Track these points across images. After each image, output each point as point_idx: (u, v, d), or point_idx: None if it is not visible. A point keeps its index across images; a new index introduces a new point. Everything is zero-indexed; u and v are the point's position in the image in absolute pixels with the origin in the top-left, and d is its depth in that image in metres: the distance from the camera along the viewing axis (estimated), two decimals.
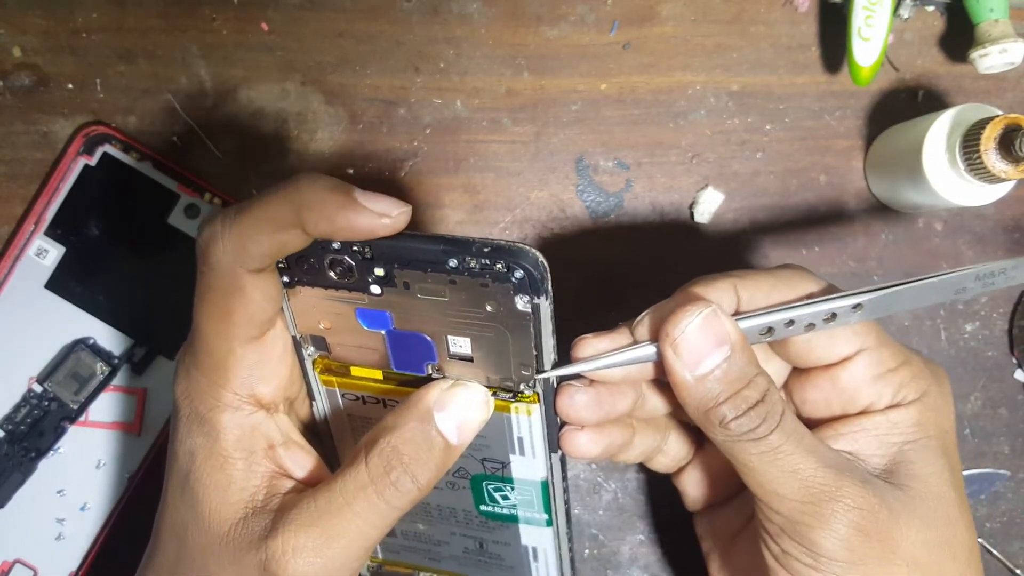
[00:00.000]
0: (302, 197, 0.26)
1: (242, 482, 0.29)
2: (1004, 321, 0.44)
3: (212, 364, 0.29)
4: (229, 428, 0.29)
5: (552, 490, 0.33)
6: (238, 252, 0.27)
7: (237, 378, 0.29)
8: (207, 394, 0.29)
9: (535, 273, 0.26)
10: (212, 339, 0.28)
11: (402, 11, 0.42)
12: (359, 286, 0.28)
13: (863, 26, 0.39)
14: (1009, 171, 0.35)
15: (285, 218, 0.26)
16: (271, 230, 0.27)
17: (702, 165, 0.43)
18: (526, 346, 0.28)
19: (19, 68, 0.41)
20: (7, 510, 0.39)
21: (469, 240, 0.26)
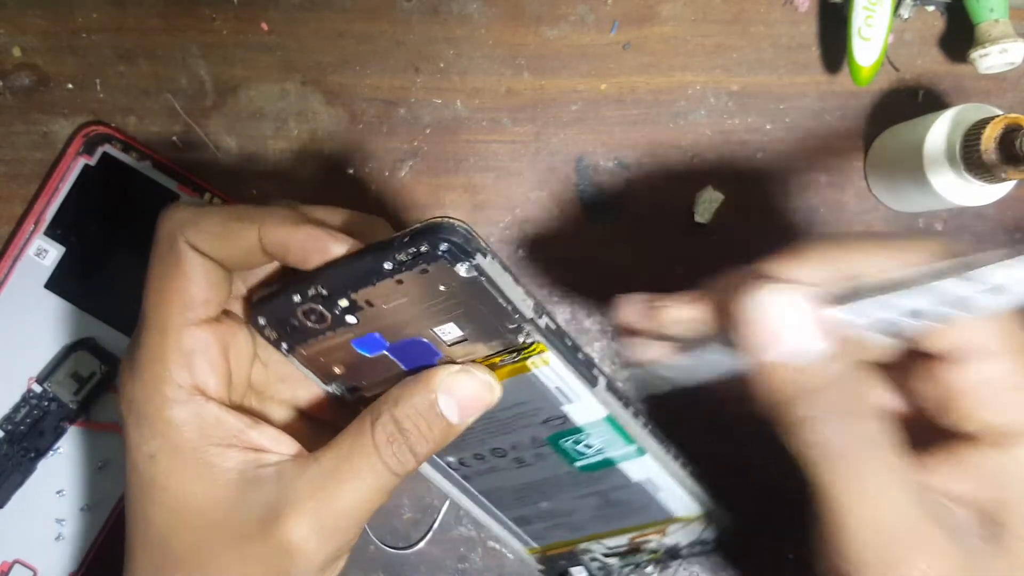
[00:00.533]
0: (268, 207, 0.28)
1: (221, 467, 0.28)
2: None
3: (151, 352, 0.28)
4: (185, 422, 0.28)
5: (621, 420, 0.32)
6: (190, 229, 0.27)
7: (176, 365, 0.28)
8: (152, 391, 0.28)
9: (458, 239, 0.26)
10: (151, 322, 0.28)
11: (402, 11, 0.42)
12: (338, 323, 0.28)
13: (863, 26, 0.39)
14: (1009, 171, 0.35)
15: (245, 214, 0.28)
16: (229, 219, 0.28)
17: (702, 165, 0.43)
18: (497, 305, 0.28)
19: (19, 68, 0.41)
20: (6, 510, 0.39)
21: (389, 239, 0.27)
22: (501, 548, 0.42)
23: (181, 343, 0.28)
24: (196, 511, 0.28)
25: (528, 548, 0.40)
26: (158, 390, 0.28)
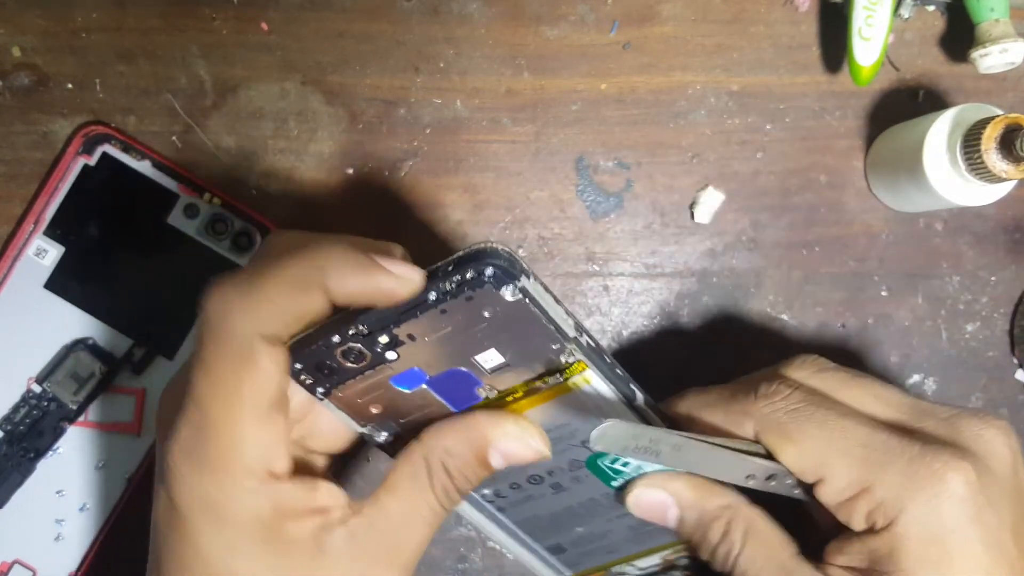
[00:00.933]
0: (326, 257, 0.26)
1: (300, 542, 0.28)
2: (1005, 321, 0.43)
3: (223, 446, 0.27)
4: (263, 508, 0.27)
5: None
6: (254, 317, 0.26)
7: (253, 458, 0.27)
8: (228, 484, 0.27)
9: (503, 263, 0.26)
10: (220, 418, 0.26)
11: (402, 11, 0.42)
12: (377, 360, 0.28)
13: (863, 26, 0.39)
14: (1010, 171, 0.35)
15: (307, 279, 0.26)
16: (292, 292, 0.26)
17: (702, 165, 0.43)
18: (540, 327, 0.28)
19: (18, 68, 0.41)
20: (6, 510, 0.39)
21: (433, 268, 0.27)
22: (501, 548, 0.42)
23: (258, 436, 0.27)
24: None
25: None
26: (235, 483, 0.27)
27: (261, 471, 0.27)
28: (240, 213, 0.40)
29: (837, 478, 0.30)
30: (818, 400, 0.31)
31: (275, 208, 0.41)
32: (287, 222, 0.41)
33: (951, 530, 0.28)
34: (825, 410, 0.30)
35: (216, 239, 0.40)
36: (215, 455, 0.27)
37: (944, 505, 0.28)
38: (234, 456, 0.27)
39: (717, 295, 0.43)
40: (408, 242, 0.42)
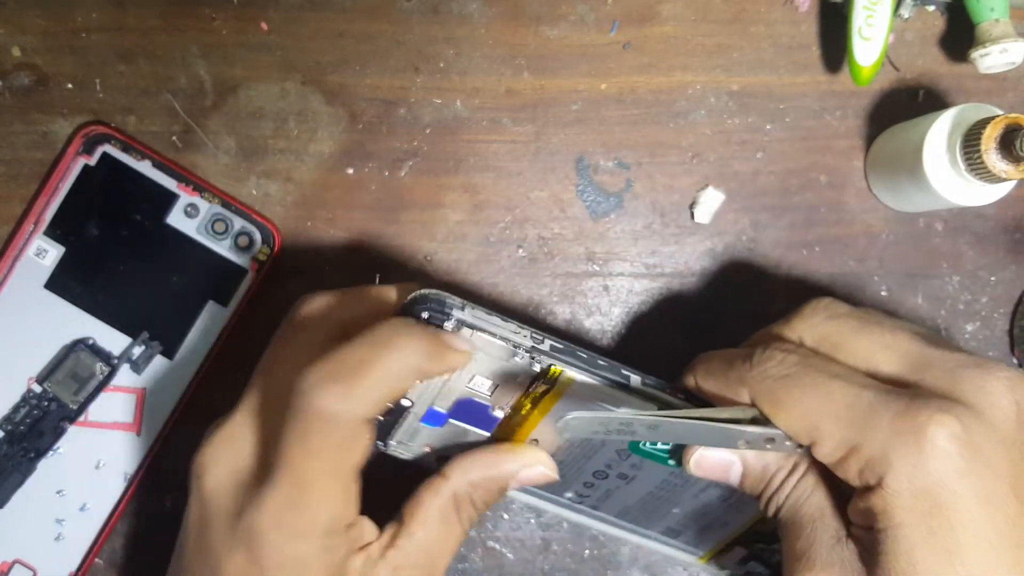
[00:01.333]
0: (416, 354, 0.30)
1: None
2: (1005, 321, 0.43)
3: (316, 517, 0.30)
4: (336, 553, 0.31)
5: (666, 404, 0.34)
6: (357, 405, 0.29)
7: (338, 520, 0.30)
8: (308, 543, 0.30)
9: (432, 305, 0.30)
10: (319, 492, 0.30)
11: (402, 11, 0.42)
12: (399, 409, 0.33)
13: (864, 26, 0.39)
14: (1010, 171, 0.35)
15: (405, 374, 0.30)
16: (391, 386, 0.30)
17: (702, 165, 0.43)
18: (498, 347, 0.31)
19: (18, 68, 0.41)
20: (6, 510, 0.39)
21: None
22: (500, 548, 0.42)
23: (346, 501, 0.31)
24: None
25: (698, 558, 0.41)
26: (322, 543, 0.30)
27: (342, 528, 0.31)
28: (240, 213, 0.40)
29: (827, 440, 0.30)
30: (810, 362, 0.31)
31: (275, 208, 0.41)
32: (287, 223, 0.41)
33: (938, 483, 0.28)
34: (815, 373, 0.30)
35: (216, 239, 0.40)
36: (311, 522, 0.30)
37: (928, 459, 0.28)
38: (327, 522, 0.30)
39: (716, 295, 0.43)
40: (408, 242, 0.42)
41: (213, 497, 0.31)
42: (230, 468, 0.31)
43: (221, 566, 0.30)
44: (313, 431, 0.29)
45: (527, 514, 0.42)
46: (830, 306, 0.33)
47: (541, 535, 0.42)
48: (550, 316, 0.42)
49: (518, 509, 0.42)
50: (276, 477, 0.29)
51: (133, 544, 0.41)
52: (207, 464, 0.32)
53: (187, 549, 0.33)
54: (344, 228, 0.42)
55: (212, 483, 0.31)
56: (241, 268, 0.40)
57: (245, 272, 0.40)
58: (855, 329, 0.32)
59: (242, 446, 0.32)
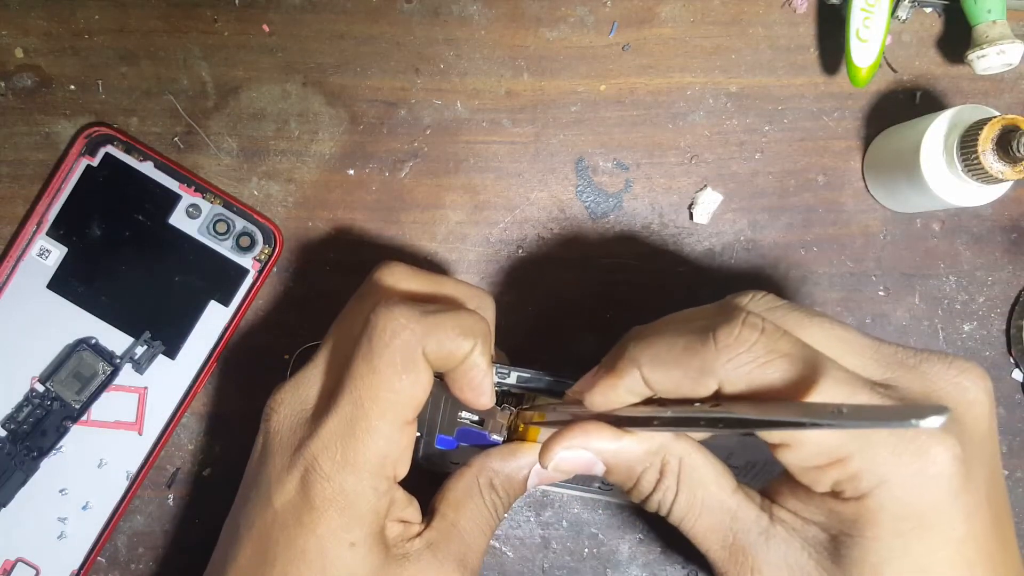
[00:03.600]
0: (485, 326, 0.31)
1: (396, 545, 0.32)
2: (1002, 321, 0.44)
3: (369, 449, 0.30)
4: (385, 507, 0.31)
5: None
6: (429, 339, 0.30)
7: (398, 461, 0.31)
8: (369, 484, 0.30)
9: None
10: (376, 419, 0.30)
11: (402, 13, 0.42)
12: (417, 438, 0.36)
13: (861, 27, 0.39)
14: (1006, 172, 0.36)
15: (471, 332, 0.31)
16: (461, 334, 0.30)
17: (701, 166, 0.43)
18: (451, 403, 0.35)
19: (21, 69, 0.41)
20: (9, 509, 0.39)
21: None
22: (500, 547, 0.43)
23: (401, 442, 0.31)
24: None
25: None
26: (372, 482, 0.30)
27: (392, 474, 0.31)
28: (242, 214, 0.40)
29: (808, 446, 0.27)
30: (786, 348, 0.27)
31: (276, 208, 0.42)
32: (289, 223, 0.42)
33: (932, 505, 0.27)
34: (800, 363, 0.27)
35: (218, 239, 0.40)
36: (363, 453, 0.30)
37: (928, 482, 0.27)
38: (378, 457, 0.30)
39: (715, 295, 0.43)
40: (409, 242, 0.42)
41: (276, 434, 0.32)
42: (296, 408, 0.32)
43: (272, 499, 0.31)
44: (380, 348, 0.30)
45: (527, 512, 0.43)
46: (768, 298, 0.31)
47: (540, 533, 0.42)
48: (550, 316, 0.43)
49: (518, 508, 0.43)
50: (339, 401, 0.30)
51: (135, 543, 0.41)
52: (275, 406, 0.32)
53: (243, 490, 0.34)
54: (345, 228, 0.42)
55: (277, 422, 0.32)
56: (243, 268, 0.40)
57: (247, 272, 0.40)
58: (801, 322, 0.29)
59: (311, 389, 0.32)
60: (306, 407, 0.32)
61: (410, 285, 0.34)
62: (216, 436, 0.42)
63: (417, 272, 0.34)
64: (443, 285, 0.34)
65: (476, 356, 0.31)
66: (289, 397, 0.33)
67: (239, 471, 0.34)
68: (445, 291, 0.34)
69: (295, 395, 0.32)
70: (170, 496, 0.42)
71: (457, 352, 0.31)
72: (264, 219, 0.40)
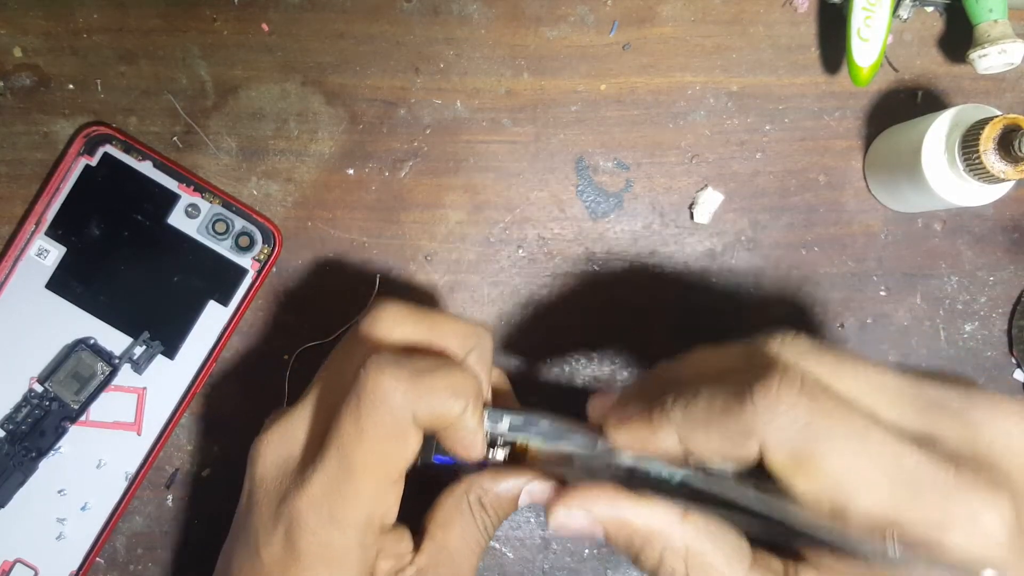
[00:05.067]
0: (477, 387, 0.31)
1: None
2: (1003, 321, 0.44)
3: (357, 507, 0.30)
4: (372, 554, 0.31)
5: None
6: (419, 405, 0.30)
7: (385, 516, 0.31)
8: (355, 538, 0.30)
9: None
10: (364, 481, 0.30)
11: (402, 12, 0.42)
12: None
13: (862, 27, 0.39)
14: (1008, 171, 0.35)
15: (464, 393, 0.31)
16: (451, 396, 0.30)
17: (701, 165, 0.43)
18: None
19: (20, 68, 0.41)
20: (8, 510, 0.39)
21: None
22: (501, 548, 0.42)
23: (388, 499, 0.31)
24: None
25: None
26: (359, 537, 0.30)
27: (379, 525, 0.31)
28: (241, 213, 0.40)
29: (858, 513, 0.26)
30: (829, 408, 0.26)
31: (276, 208, 0.42)
32: (288, 223, 0.41)
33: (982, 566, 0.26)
34: (843, 424, 0.26)
35: (217, 239, 0.40)
36: (350, 512, 0.30)
37: (979, 549, 0.26)
38: (365, 515, 0.30)
39: (716, 295, 0.43)
40: (408, 242, 0.42)
41: (262, 481, 0.32)
42: (282, 456, 0.32)
43: (259, 550, 0.31)
44: (369, 412, 0.29)
45: (527, 513, 0.42)
46: (797, 342, 0.29)
47: (541, 534, 0.42)
48: (550, 316, 0.42)
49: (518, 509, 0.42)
50: (324, 459, 0.30)
51: (134, 543, 0.41)
52: (261, 451, 0.32)
53: (233, 533, 0.33)
54: (344, 228, 0.42)
55: (263, 469, 0.32)
56: (242, 268, 0.40)
57: (246, 272, 0.40)
58: (835, 369, 0.28)
59: (297, 436, 0.32)
60: (292, 455, 0.32)
61: (404, 331, 0.33)
62: (215, 436, 0.42)
63: (411, 313, 0.33)
64: (438, 326, 0.33)
65: (466, 418, 0.31)
66: (275, 442, 0.32)
67: (238, 471, 0.34)
68: (440, 333, 0.33)
69: (281, 441, 0.32)
70: (169, 496, 0.41)
71: (447, 415, 0.31)
72: (263, 219, 0.40)
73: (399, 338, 0.33)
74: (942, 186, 0.38)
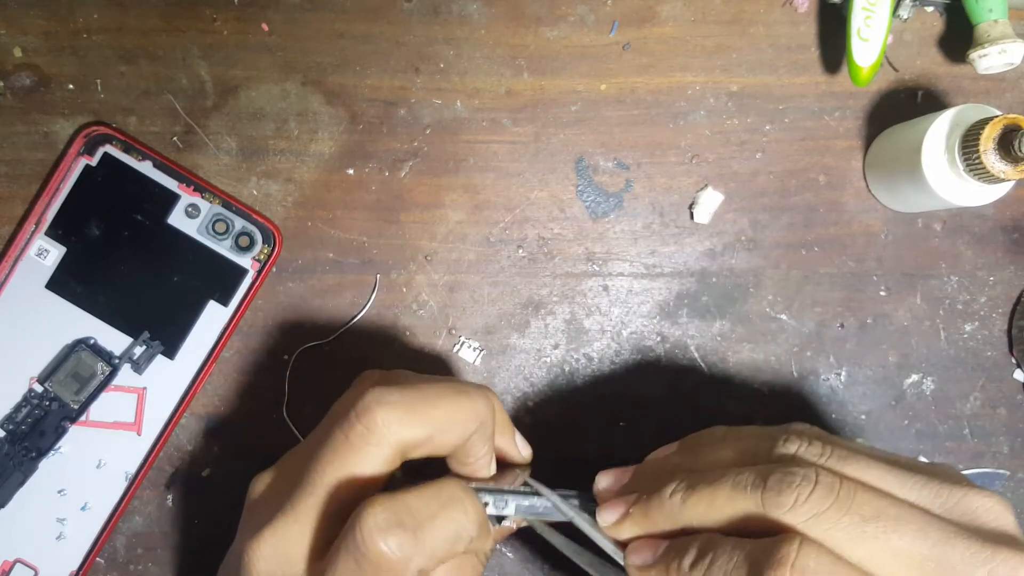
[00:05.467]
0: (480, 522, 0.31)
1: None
2: (1003, 321, 0.44)
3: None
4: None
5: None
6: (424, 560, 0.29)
7: None
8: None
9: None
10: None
11: (402, 12, 0.42)
12: None
13: (862, 27, 0.39)
14: (1008, 171, 0.35)
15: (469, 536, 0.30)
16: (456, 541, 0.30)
17: (701, 165, 0.43)
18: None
19: (20, 68, 0.41)
20: (8, 510, 0.39)
21: None
22: (500, 547, 0.42)
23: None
24: None
25: None
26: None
27: None
28: (241, 213, 0.40)
29: None
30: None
31: (276, 208, 0.42)
32: (288, 223, 0.41)
33: None
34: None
35: (217, 239, 0.40)
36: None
37: None
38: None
39: (716, 295, 0.43)
40: (408, 242, 0.42)
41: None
42: (281, 568, 0.30)
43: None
44: (370, 573, 0.28)
45: None
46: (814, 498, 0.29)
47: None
48: (550, 316, 0.42)
49: None
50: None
51: (134, 543, 0.41)
52: (255, 560, 0.30)
53: None
54: (344, 228, 0.42)
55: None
56: (242, 268, 0.40)
57: (246, 272, 0.40)
58: (855, 537, 0.28)
59: (294, 550, 0.30)
60: (294, 571, 0.30)
61: (401, 434, 0.31)
62: (215, 437, 0.42)
63: (406, 411, 0.31)
64: (436, 415, 0.31)
65: (470, 547, 0.31)
66: (269, 554, 0.30)
67: (238, 472, 0.34)
68: (438, 428, 0.31)
69: (277, 554, 0.30)
70: (169, 496, 0.41)
71: (454, 554, 0.30)
72: (263, 219, 0.40)
73: (395, 445, 0.31)
74: (942, 186, 0.38)
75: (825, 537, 0.28)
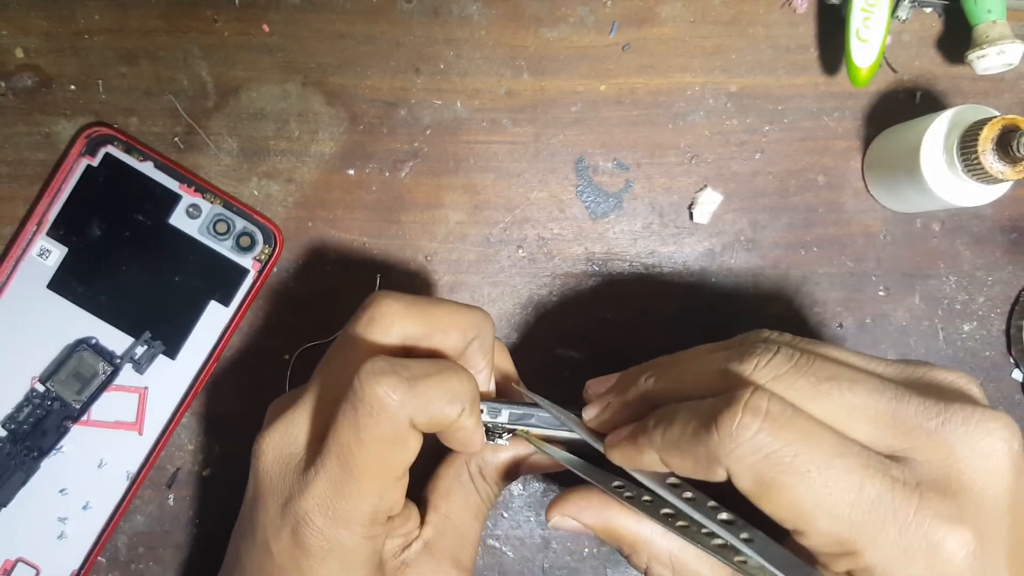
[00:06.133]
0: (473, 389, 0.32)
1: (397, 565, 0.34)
2: (1001, 321, 0.44)
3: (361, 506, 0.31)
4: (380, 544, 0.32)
5: None
6: (416, 411, 0.30)
7: (381, 512, 0.31)
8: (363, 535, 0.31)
9: None
10: (367, 483, 0.30)
11: (402, 12, 0.42)
12: None
13: (861, 27, 0.39)
14: (1006, 172, 0.36)
15: (459, 399, 0.31)
16: (448, 402, 0.31)
17: (701, 166, 0.43)
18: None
19: (21, 69, 0.41)
20: (9, 509, 0.39)
21: None
22: (500, 547, 0.43)
23: (392, 495, 0.32)
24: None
25: None
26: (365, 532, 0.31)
27: (385, 518, 0.32)
28: (242, 214, 0.40)
29: (819, 535, 0.27)
30: (792, 438, 0.27)
31: (276, 209, 0.42)
32: (289, 223, 0.42)
33: None
34: (806, 454, 0.27)
35: (218, 239, 0.40)
36: (355, 511, 0.31)
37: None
38: (370, 512, 0.31)
39: (715, 295, 0.43)
40: (409, 242, 0.42)
41: (266, 475, 0.32)
42: (285, 453, 0.32)
43: (269, 545, 0.31)
44: (366, 420, 0.30)
45: (527, 512, 0.43)
46: (775, 361, 0.29)
47: (541, 533, 0.43)
48: (550, 316, 0.43)
49: (518, 508, 0.43)
50: (326, 463, 0.30)
51: (135, 543, 0.41)
52: (264, 448, 0.32)
53: (241, 526, 0.34)
54: (345, 228, 0.42)
55: (266, 465, 0.32)
56: (243, 268, 0.40)
57: (247, 272, 0.40)
58: (810, 392, 0.28)
59: (299, 434, 0.32)
60: (295, 451, 0.32)
61: (402, 327, 0.33)
62: (216, 436, 0.42)
63: (408, 307, 0.33)
64: (436, 319, 0.33)
65: (464, 419, 0.32)
66: (278, 439, 0.32)
67: (239, 471, 0.34)
68: (439, 326, 0.33)
69: (284, 438, 0.32)
70: (170, 496, 0.42)
71: (445, 420, 0.31)
72: (264, 219, 0.40)
73: (397, 335, 0.33)
74: (941, 186, 0.38)
75: (783, 395, 0.28)
